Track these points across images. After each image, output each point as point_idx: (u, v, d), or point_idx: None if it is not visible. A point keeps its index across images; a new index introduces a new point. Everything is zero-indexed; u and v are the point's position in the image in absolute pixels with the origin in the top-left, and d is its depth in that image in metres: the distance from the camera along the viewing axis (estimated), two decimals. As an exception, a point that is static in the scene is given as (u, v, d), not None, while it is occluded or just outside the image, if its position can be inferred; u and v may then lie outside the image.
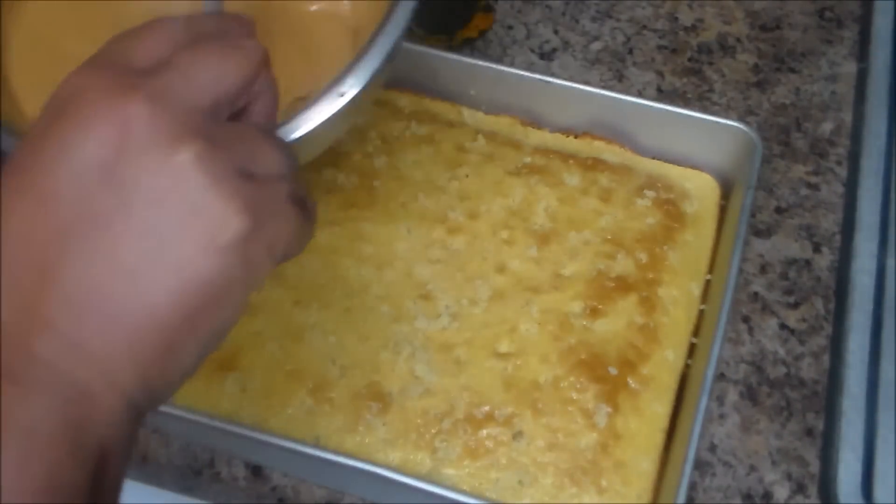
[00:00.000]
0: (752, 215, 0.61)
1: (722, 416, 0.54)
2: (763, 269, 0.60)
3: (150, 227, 0.28)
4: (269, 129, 0.34)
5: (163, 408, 0.47)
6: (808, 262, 0.60)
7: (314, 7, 0.48)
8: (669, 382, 0.52)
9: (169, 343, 0.29)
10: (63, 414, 0.27)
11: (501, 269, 0.55)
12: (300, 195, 0.33)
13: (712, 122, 0.59)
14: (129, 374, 0.29)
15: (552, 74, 0.62)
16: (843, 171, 0.64)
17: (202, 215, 0.28)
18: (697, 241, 0.58)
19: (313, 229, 0.34)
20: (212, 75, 0.31)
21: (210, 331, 0.30)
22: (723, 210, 0.60)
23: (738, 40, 0.71)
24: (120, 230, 0.28)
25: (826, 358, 0.56)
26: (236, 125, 0.32)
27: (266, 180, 0.31)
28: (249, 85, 0.33)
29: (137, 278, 0.28)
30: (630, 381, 0.51)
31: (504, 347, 0.53)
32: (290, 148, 0.34)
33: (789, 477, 0.52)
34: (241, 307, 0.31)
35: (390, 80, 0.64)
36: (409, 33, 0.69)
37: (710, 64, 0.70)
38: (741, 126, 0.58)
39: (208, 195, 0.28)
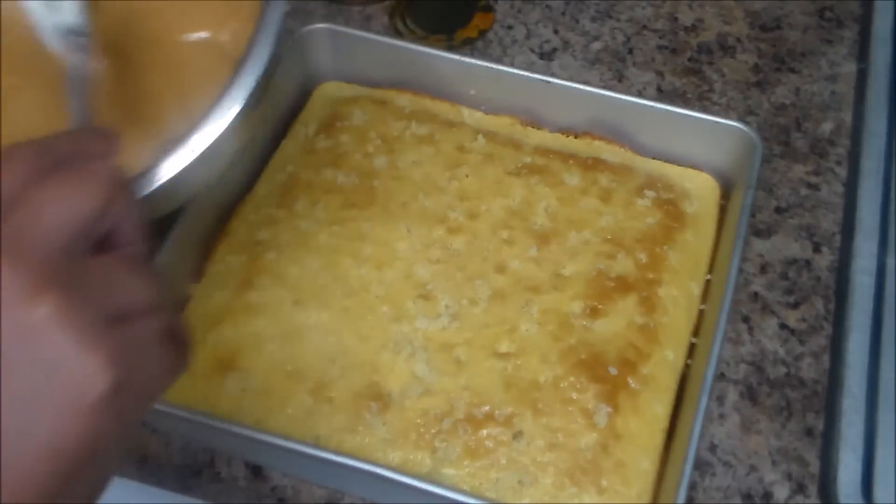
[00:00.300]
0: (752, 215, 0.61)
1: (722, 416, 0.54)
2: (763, 269, 0.60)
3: (14, 395, 0.27)
4: (133, 257, 0.33)
5: (163, 408, 0.48)
6: (808, 262, 0.60)
7: (190, 37, 0.44)
8: (669, 382, 0.52)
9: None
10: None
11: (501, 269, 0.55)
12: (172, 327, 0.31)
13: (712, 121, 0.59)
14: None
15: (552, 74, 0.62)
16: (843, 171, 0.64)
17: (67, 375, 0.27)
18: (697, 241, 0.58)
19: (188, 360, 0.32)
20: (63, 210, 0.29)
21: (89, 486, 0.29)
22: (723, 210, 0.60)
23: (738, 40, 0.71)
24: None
25: (826, 358, 0.56)
26: (97, 260, 0.31)
27: (135, 319, 0.30)
28: (105, 212, 0.31)
29: (7, 453, 0.27)
30: (630, 381, 0.51)
31: (504, 347, 0.52)
32: (159, 275, 0.33)
33: (789, 477, 0.52)
34: (121, 453, 0.30)
35: (390, 80, 0.64)
36: (410, 33, 0.69)
37: (710, 64, 0.70)
38: (741, 126, 0.58)
39: (71, 352, 0.27)
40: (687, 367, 0.53)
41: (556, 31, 0.72)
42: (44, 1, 0.34)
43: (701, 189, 0.60)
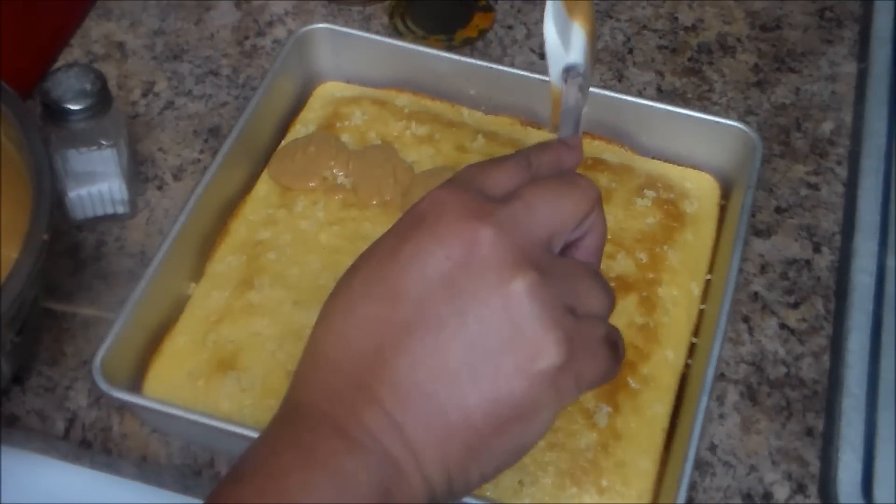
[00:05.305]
0: (752, 215, 0.61)
1: (722, 416, 0.54)
2: (763, 269, 0.60)
3: (478, 340, 0.31)
4: (594, 268, 0.37)
5: (163, 408, 0.48)
6: (808, 262, 0.60)
7: None
8: (669, 382, 0.52)
9: (474, 446, 0.32)
10: (378, 473, 0.31)
11: (501, 269, 0.55)
12: (613, 338, 0.35)
13: (712, 121, 0.59)
14: (435, 463, 0.32)
15: (552, 74, 0.62)
16: (843, 171, 0.64)
17: (525, 340, 0.31)
18: (697, 241, 0.58)
19: (618, 371, 0.36)
20: (551, 210, 0.34)
21: (512, 444, 0.33)
22: (723, 210, 0.60)
23: (738, 40, 0.71)
24: (450, 336, 0.31)
25: (826, 358, 0.56)
26: (567, 261, 0.35)
27: (586, 317, 0.33)
28: (583, 221, 0.36)
29: (457, 383, 0.31)
30: (630, 380, 0.51)
31: (504, 347, 0.52)
32: (612, 291, 0.36)
33: (789, 477, 0.52)
34: (545, 428, 0.33)
35: (390, 80, 0.64)
36: (410, 33, 0.69)
37: (710, 64, 0.70)
38: (741, 126, 0.58)
39: (533, 323, 0.31)
40: (687, 367, 0.53)
41: (556, 31, 0.71)
42: (561, 42, 0.40)
43: (701, 189, 0.60)
